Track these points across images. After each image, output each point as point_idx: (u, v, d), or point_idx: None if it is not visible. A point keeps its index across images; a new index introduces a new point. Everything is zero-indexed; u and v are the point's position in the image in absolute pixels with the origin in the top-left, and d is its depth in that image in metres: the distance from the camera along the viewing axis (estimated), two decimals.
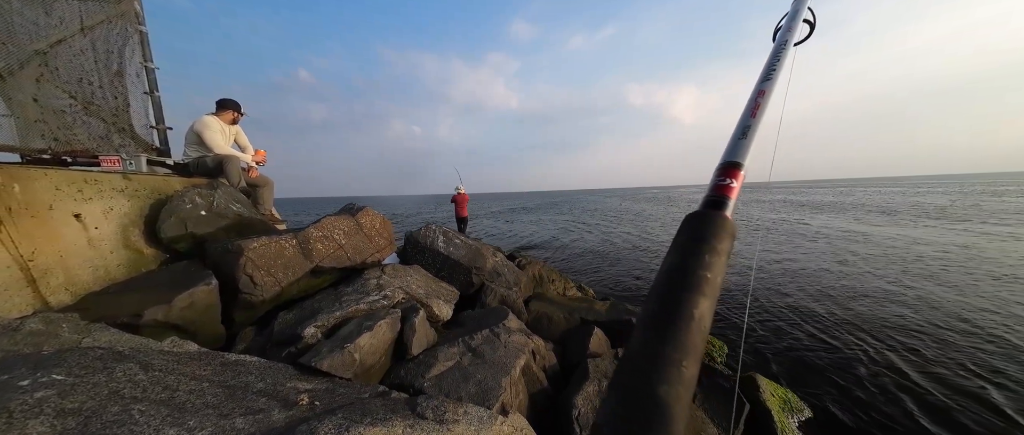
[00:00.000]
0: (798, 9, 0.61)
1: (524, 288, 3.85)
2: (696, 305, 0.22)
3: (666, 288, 0.24)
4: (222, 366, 1.24)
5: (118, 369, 1.07)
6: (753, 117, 0.42)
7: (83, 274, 1.75)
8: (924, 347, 3.54)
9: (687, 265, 0.25)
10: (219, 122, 2.86)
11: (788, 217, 14.88)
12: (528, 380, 1.86)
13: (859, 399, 2.80)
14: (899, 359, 3.34)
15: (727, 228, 0.28)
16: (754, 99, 0.45)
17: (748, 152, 0.38)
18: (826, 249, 8.26)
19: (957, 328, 3.91)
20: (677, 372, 0.19)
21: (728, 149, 0.39)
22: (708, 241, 0.27)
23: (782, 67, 0.51)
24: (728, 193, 0.33)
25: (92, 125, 2.59)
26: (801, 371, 3.24)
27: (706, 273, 0.24)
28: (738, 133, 0.41)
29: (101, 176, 2.03)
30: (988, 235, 9.14)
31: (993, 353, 3.33)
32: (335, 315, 1.77)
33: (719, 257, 0.26)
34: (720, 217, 0.29)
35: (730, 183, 0.34)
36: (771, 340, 3.86)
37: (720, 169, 0.36)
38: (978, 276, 5.71)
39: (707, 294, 0.23)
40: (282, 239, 2.02)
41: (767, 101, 0.45)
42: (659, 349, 0.20)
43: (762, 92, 0.46)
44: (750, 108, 0.44)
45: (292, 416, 1.03)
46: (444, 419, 1.10)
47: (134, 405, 0.95)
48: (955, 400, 2.73)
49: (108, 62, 2.73)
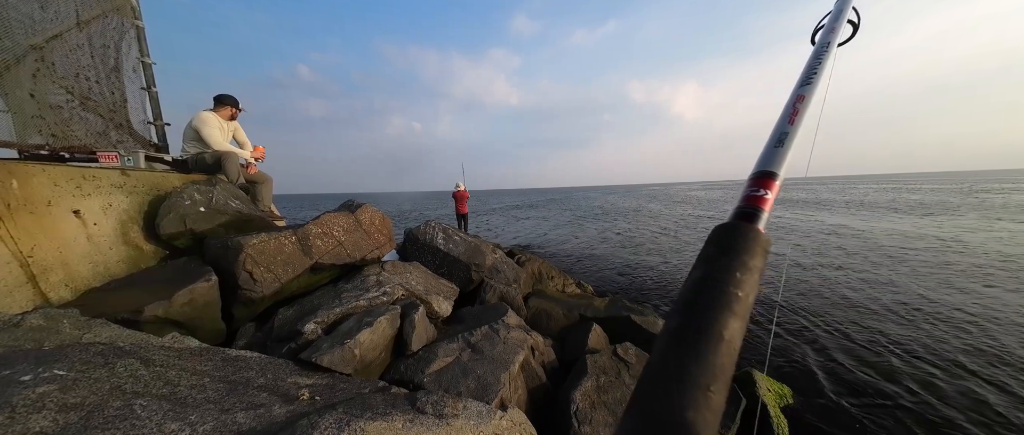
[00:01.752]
0: (842, 8, 0.56)
1: (523, 285, 3.86)
2: (726, 326, 0.21)
3: (693, 304, 0.22)
4: (223, 361, 1.24)
5: (119, 364, 1.07)
6: (791, 124, 0.39)
7: (83, 270, 1.76)
8: (921, 340, 3.56)
9: (717, 281, 0.23)
10: (218, 118, 2.84)
11: (780, 214, 14.88)
12: (527, 376, 1.88)
13: (853, 392, 2.83)
14: (896, 353, 3.36)
15: (760, 242, 0.26)
16: (791, 104, 0.41)
17: (784, 161, 0.35)
18: (828, 245, 8.31)
19: (946, 317, 3.94)
20: (705, 397, 0.17)
21: (762, 157, 0.36)
22: (739, 256, 0.25)
23: (824, 70, 0.47)
24: (762, 205, 0.31)
25: (89, 121, 2.58)
26: (797, 366, 3.27)
27: (737, 291, 0.22)
28: (773, 140, 0.37)
29: (99, 172, 2.03)
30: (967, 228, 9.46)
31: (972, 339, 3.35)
32: (335, 311, 1.78)
33: (751, 274, 0.24)
34: (752, 230, 0.27)
35: (764, 194, 0.31)
36: (767, 335, 3.89)
37: (753, 179, 0.34)
38: (942, 265, 5.84)
39: (738, 314, 0.21)
40: (281, 236, 2.03)
41: (806, 107, 0.41)
42: (686, 371, 0.18)
43: (801, 97, 0.42)
44: (787, 114, 0.40)
45: (293, 410, 1.04)
46: (443, 414, 1.11)
47: (136, 400, 0.95)
48: (952, 400, 2.76)
49: (105, 57, 2.71)
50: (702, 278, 0.24)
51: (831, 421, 2.59)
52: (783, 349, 3.58)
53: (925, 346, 3.49)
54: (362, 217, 2.63)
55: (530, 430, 1.31)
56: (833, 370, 3.20)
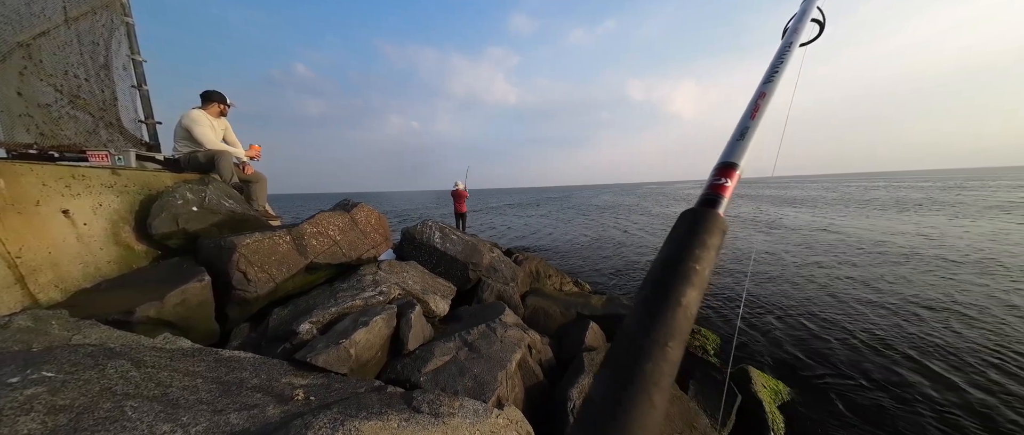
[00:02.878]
0: (806, 9, 0.59)
1: (521, 283, 3.86)
2: (684, 294, 0.24)
3: (659, 277, 0.26)
4: (216, 362, 1.23)
5: (109, 366, 1.06)
6: (752, 119, 0.42)
7: (73, 271, 1.73)
8: (907, 333, 3.61)
9: (679, 257, 0.27)
10: (207, 116, 2.80)
11: (779, 212, 15.10)
12: (524, 374, 1.88)
13: (847, 387, 2.86)
14: (882, 346, 3.41)
15: (718, 225, 0.30)
16: (754, 101, 0.44)
17: (745, 154, 0.39)
18: (811, 242, 8.43)
19: (929, 312, 3.99)
20: (662, 351, 0.21)
21: (726, 150, 0.40)
22: (700, 236, 0.29)
23: (786, 68, 0.49)
24: (722, 192, 0.35)
25: (79, 119, 2.54)
26: (791, 361, 3.30)
27: (696, 265, 0.26)
28: (736, 134, 0.41)
29: (89, 171, 2.00)
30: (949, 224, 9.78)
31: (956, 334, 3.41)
32: (331, 311, 1.76)
33: (708, 251, 0.28)
34: (712, 214, 0.31)
35: (725, 183, 0.36)
36: (764, 332, 3.92)
37: (717, 169, 0.38)
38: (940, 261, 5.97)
39: (695, 284, 0.25)
40: (276, 235, 2.01)
41: (768, 104, 0.44)
42: (649, 331, 0.22)
43: (763, 94, 0.45)
44: (750, 110, 0.43)
45: (287, 411, 1.03)
46: (440, 413, 1.11)
47: (126, 401, 0.94)
48: (937, 391, 2.80)
49: (94, 55, 2.67)
50: (667, 256, 0.28)
51: (824, 411, 2.62)
52: (775, 341, 3.61)
53: (909, 336, 3.54)
54: (358, 216, 2.61)
55: (527, 428, 1.31)
56: (821, 360, 3.23)
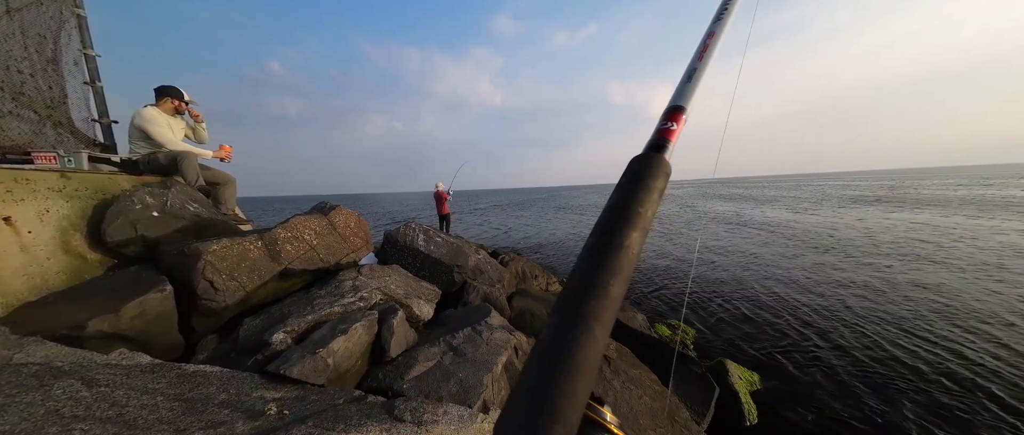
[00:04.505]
0: None
1: (507, 285, 3.85)
2: (627, 236, 0.26)
3: (606, 223, 0.27)
4: (179, 378, 1.15)
5: (56, 386, 0.97)
6: (700, 60, 0.42)
7: (15, 283, 1.58)
8: (866, 323, 3.86)
9: (624, 202, 0.28)
10: (162, 114, 2.57)
11: (740, 210, 15.93)
12: (511, 376, 1.87)
13: (817, 376, 3.01)
14: (851, 337, 3.62)
15: (663, 168, 0.31)
16: (703, 41, 0.44)
17: (693, 96, 0.39)
18: (774, 238, 8.99)
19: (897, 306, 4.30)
20: (605, 290, 0.23)
21: (675, 92, 0.39)
22: (644, 180, 0.30)
23: (734, 7, 0.49)
24: (669, 137, 0.35)
25: (23, 117, 2.33)
26: (766, 352, 3.45)
27: (639, 209, 0.28)
28: (685, 77, 0.40)
29: (34, 175, 1.83)
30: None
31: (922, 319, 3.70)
32: (307, 319, 1.69)
33: (652, 194, 0.29)
34: (658, 159, 0.32)
35: (671, 127, 0.36)
36: (736, 324, 4.09)
37: (665, 113, 0.37)
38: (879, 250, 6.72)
39: (638, 227, 0.26)
40: (246, 241, 1.91)
41: (716, 44, 0.43)
42: (593, 273, 0.24)
43: (712, 34, 0.45)
44: (698, 50, 0.43)
45: (258, 427, 0.98)
46: (422, 421, 1.08)
47: (76, 425, 0.86)
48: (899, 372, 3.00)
49: (41, 48, 2.46)
50: (614, 202, 0.29)
51: (793, 399, 2.77)
52: (745, 334, 3.78)
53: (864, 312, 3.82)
54: (336, 219, 2.52)
55: None
56: (795, 349, 3.40)
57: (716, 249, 8.35)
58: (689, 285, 5.37)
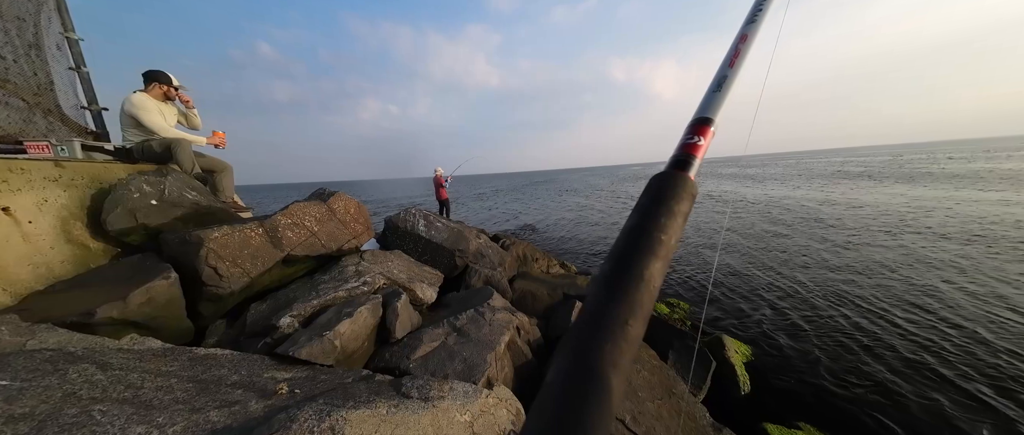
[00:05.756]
0: None
1: (508, 268, 3.89)
2: (647, 267, 0.23)
3: (623, 249, 0.24)
4: (191, 361, 1.18)
5: (71, 370, 1.00)
6: (731, 67, 0.37)
7: (21, 272, 1.59)
8: (863, 300, 3.94)
9: (645, 227, 0.25)
10: (152, 100, 2.50)
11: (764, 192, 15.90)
12: (513, 354, 1.92)
13: (808, 349, 3.10)
14: (840, 310, 3.70)
15: (688, 189, 0.28)
16: (735, 46, 0.39)
17: (721, 107, 0.35)
18: (782, 218, 9.02)
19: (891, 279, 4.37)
20: (622, 330, 0.20)
21: (702, 104, 0.36)
22: (667, 202, 0.27)
23: (770, 5, 0.43)
24: (695, 152, 0.31)
25: (11, 105, 2.28)
26: (761, 327, 3.54)
27: (661, 235, 0.25)
28: (713, 85, 0.37)
29: (29, 164, 1.81)
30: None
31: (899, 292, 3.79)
32: (312, 303, 1.72)
33: (676, 218, 0.26)
34: (682, 178, 0.29)
35: (698, 141, 0.32)
36: (733, 300, 4.17)
37: (690, 126, 0.34)
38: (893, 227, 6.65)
39: (660, 255, 0.24)
40: (247, 228, 1.91)
41: (749, 48, 0.39)
42: (608, 308, 0.21)
43: (744, 37, 0.40)
44: (729, 56, 0.38)
45: (271, 405, 1.01)
46: (429, 397, 1.12)
47: (94, 405, 0.89)
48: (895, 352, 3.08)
49: (21, 32, 2.37)
50: (633, 226, 0.26)
51: (785, 369, 2.88)
52: (748, 309, 3.86)
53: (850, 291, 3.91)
54: (335, 206, 2.52)
55: (516, 405, 1.35)
56: (788, 324, 3.49)
57: (710, 230, 8.41)
58: (713, 275, 5.41)
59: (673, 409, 1.94)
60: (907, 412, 2.34)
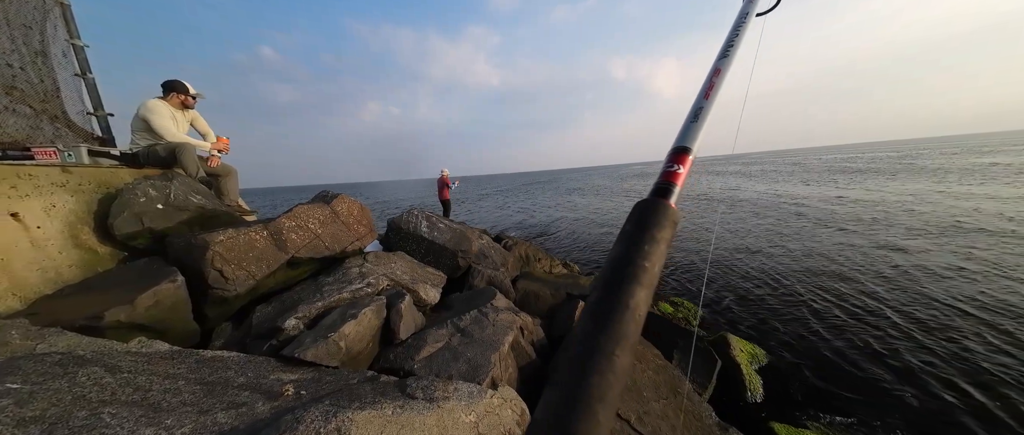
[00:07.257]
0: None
1: (511, 268, 3.89)
2: (633, 295, 0.24)
3: (609, 279, 0.25)
4: (198, 363, 1.19)
5: (81, 373, 1.01)
6: (706, 98, 0.40)
7: (30, 277, 1.61)
8: (867, 297, 3.90)
9: (629, 255, 0.26)
10: (168, 107, 2.59)
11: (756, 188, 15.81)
12: (517, 354, 1.92)
13: (816, 348, 3.08)
14: (846, 307, 3.67)
15: (670, 216, 0.29)
16: (709, 79, 0.43)
17: (698, 136, 0.37)
18: (778, 214, 8.96)
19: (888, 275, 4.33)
20: (609, 362, 0.21)
21: (680, 133, 0.38)
22: (650, 230, 0.28)
23: (741, 41, 0.48)
24: (675, 180, 0.33)
25: (18, 112, 2.31)
26: (767, 325, 3.51)
27: (645, 263, 0.25)
28: (691, 116, 0.39)
29: (36, 170, 1.83)
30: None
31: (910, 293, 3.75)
32: (317, 305, 1.73)
33: (659, 245, 0.27)
34: (664, 206, 0.30)
35: (677, 170, 0.34)
36: (738, 299, 4.14)
37: (670, 155, 0.36)
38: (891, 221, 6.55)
39: (644, 284, 0.24)
40: (251, 231, 1.92)
41: (722, 80, 0.42)
42: (595, 340, 0.22)
43: (718, 71, 0.43)
44: (704, 89, 0.42)
45: (278, 406, 1.02)
46: (434, 397, 1.12)
47: (103, 408, 0.90)
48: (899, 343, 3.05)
49: (28, 39, 2.41)
50: (617, 255, 0.27)
51: (792, 369, 2.83)
52: (749, 308, 3.84)
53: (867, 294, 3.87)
54: (339, 208, 2.53)
55: (521, 405, 1.35)
56: (793, 323, 3.46)
57: (708, 226, 8.37)
58: (707, 272, 5.40)
59: (678, 409, 1.93)
60: (916, 413, 2.31)
